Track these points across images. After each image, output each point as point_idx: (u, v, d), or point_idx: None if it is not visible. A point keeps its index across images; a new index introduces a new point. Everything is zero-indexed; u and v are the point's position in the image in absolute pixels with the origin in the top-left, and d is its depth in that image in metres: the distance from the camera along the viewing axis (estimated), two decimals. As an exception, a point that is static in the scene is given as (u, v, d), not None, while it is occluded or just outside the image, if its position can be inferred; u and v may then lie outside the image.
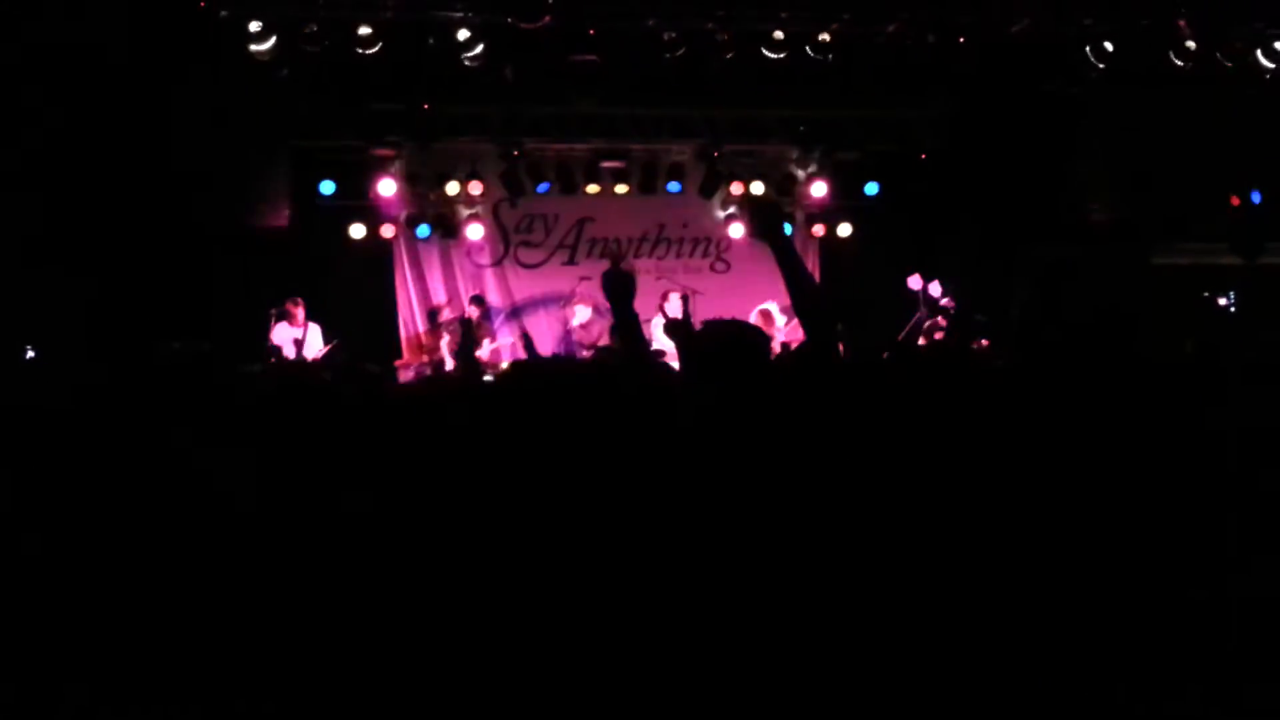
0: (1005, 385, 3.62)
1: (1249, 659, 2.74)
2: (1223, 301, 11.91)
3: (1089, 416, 3.27)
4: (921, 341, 10.61)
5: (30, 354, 8.97)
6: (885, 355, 5.81)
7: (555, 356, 10.56)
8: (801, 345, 3.21)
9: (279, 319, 10.45)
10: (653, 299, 12.22)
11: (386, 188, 12.00)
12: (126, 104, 10.22)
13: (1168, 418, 3.36)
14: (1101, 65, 11.12)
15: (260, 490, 2.99)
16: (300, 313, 10.56)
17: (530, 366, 4.16)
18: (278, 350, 10.23)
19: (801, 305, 3.24)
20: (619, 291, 3.52)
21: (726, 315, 3.28)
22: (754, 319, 9.95)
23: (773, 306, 11.50)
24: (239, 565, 2.78)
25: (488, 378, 8.21)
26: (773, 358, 3.42)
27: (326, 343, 10.64)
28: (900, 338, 10.69)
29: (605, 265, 12.62)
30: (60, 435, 3.40)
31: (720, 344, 3.10)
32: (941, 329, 10.63)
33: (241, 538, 2.85)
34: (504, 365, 10.00)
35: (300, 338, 10.42)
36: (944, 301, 10.89)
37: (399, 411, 3.78)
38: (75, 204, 9.99)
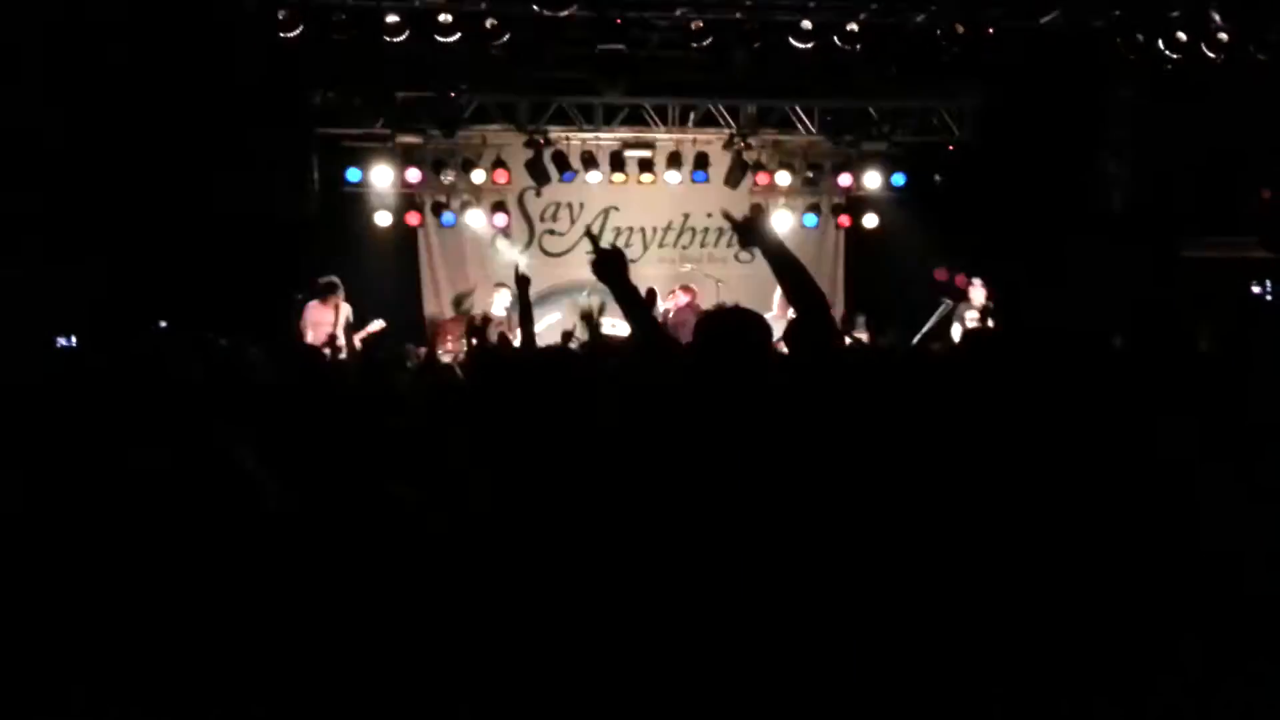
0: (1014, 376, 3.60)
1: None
2: (1257, 290, 11.79)
3: (1101, 409, 3.25)
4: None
5: (62, 342, 9.02)
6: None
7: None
8: (794, 326, 3.19)
9: (309, 298, 10.48)
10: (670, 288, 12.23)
11: (413, 175, 12.06)
12: (153, 90, 10.25)
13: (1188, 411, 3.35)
14: (1132, 56, 11.03)
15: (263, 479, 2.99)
16: (337, 295, 10.58)
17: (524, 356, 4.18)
18: (304, 344, 10.25)
19: (795, 295, 3.21)
20: (614, 270, 3.47)
21: (751, 305, 3.28)
22: (775, 305, 9.92)
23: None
24: (233, 559, 2.78)
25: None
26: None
27: (359, 325, 10.67)
28: (926, 329, 10.66)
29: (632, 254, 12.78)
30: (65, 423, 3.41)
31: (722, 333, 3.11)
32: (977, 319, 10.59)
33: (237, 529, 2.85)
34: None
35: (334, 318, 10.45)
36: (974, 287, 10.82)
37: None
38: (99, 191, 10.04)
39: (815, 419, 2.87)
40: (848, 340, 10.74)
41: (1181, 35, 10.95)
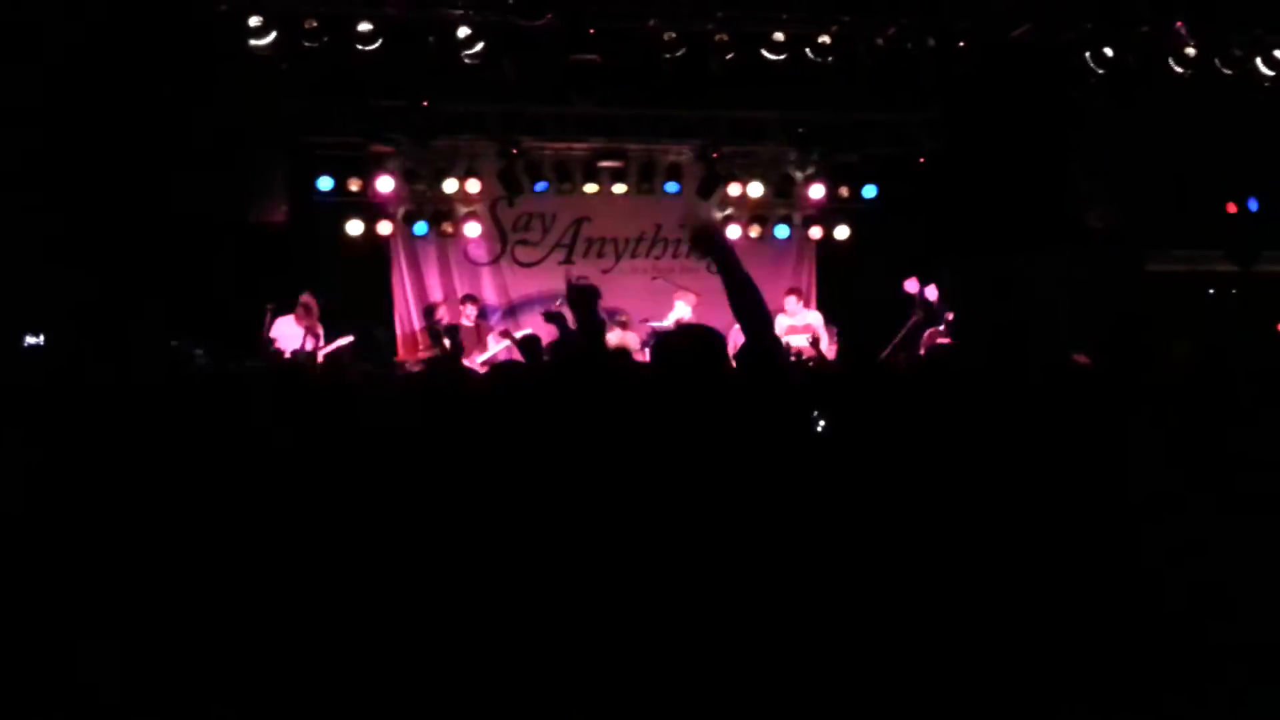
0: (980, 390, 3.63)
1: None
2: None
3: (1081, 428, 3.27)
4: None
5: (30, 340, 8.96)
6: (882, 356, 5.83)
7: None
8: (743, 347, 3.25)
9: (277, 314, 10.39)
10: (650, 300, 12.23)
11: (385, 184, 12.01)
12: (124, 99, 10.17)
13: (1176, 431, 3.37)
14: (1100, 70, 11.13)
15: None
16: (312, 314, 10.50)
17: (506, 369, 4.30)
18: (278, 352, 10.17)
19: (741, 312, 3.26)
20: (585, 302, 3.64)
21: (724, 316, 3.31)
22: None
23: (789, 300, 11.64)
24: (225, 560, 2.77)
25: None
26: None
27: (330, 339, 10.60)
28: (895, 341, 10.71)
29: (605, 264, 12.82)
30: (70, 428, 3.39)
31: (680, 349, 3.14)
32: (940, 334, 10.65)
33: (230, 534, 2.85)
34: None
35: (305, 332, 10.37)
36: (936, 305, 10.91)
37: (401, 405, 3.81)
38: (71, 200, 9.95)
39: (759, 436, 2.90)
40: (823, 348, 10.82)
41: (1149, 49, 11.07)
